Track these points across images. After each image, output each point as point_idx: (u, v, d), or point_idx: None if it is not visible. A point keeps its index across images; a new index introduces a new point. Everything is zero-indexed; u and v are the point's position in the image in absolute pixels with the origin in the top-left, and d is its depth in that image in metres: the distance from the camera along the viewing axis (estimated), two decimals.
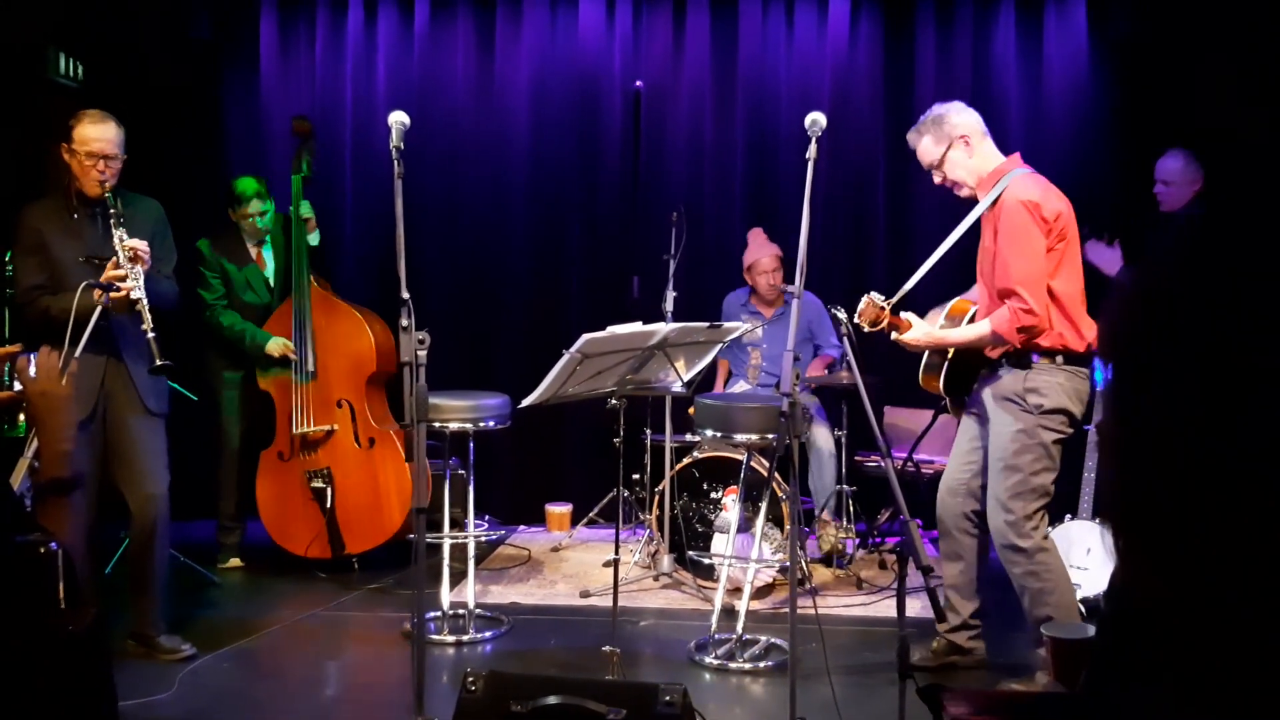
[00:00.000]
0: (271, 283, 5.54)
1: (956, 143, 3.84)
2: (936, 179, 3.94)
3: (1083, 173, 6.02)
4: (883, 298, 3.80)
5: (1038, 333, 3.66)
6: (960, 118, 3.86)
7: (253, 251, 5.54)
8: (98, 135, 3.97)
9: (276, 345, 5.33)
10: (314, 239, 5.45)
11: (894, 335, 3.86)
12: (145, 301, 3.88)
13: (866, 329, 3.80)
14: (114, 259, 3.90)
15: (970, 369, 3.91)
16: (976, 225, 3.86)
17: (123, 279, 3.85)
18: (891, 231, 6.33)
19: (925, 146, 3.90)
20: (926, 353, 3.96)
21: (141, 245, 3.93)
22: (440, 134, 6.38)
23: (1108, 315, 0.81)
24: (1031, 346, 3.70)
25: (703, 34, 6.38)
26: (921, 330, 3.82)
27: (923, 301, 4.08)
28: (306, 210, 5.41)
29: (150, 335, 3.84)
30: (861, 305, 3.77)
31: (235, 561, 5.53)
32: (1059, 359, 3.70)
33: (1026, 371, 3.71)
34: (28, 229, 4.02)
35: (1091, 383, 4.62)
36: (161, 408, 4.16)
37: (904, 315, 3.86)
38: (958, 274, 4.23)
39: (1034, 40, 6.25)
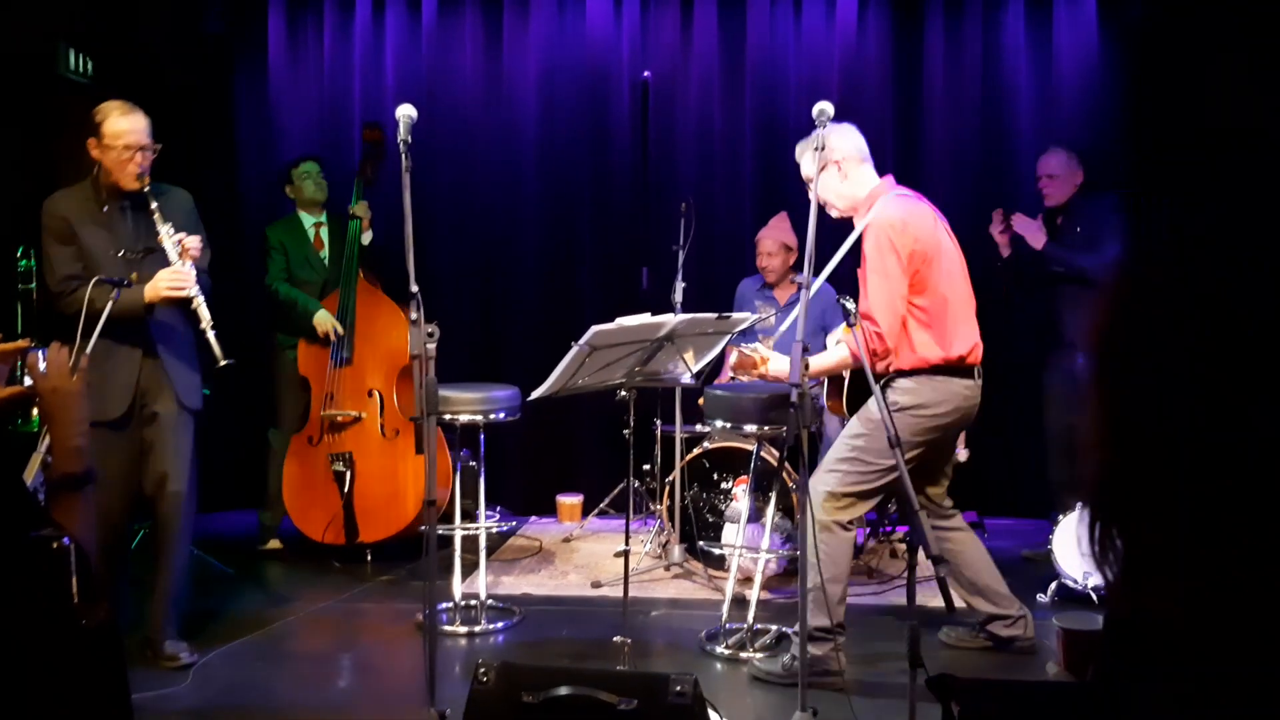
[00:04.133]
0: (327, 263, 5.62)
1: (830, 166, 3.82)
2: (812, 196, 3.87)
3: (1093, 161, 5.98)
4: (751, 347, 3.83)
5: (885, 354, 3.66)
6: (839, 141, 3.84)
7: (311, 233, 5.63)
8: (130, 126, 3.87)
9: (323, 320, 5.37)
10: (367, 238, 5.53)
11: (756, 373, 3.86)
12: (201, 299, 3.83)
13: (745, 380, 3.75)
14: (151, 253, 3.86)
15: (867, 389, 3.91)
16: (857, 247, 3.81)
17: (182, 281, 3.80)
18: None
19: (804, 165, 3.88)
20: (827, 380, 4.25)
21: (193, 241, 3.87)
22: (449, 127, 6.38)
23: (1096, 309, 0.81)
24: (898, 368, 3.70)
25: (710, 24, 6.37)
26: (782, 363, 3.74)
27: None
28: (363, 210, 5.51)
29: (211, 333, 3.80)
30: (732, 360, 3.73)
31: (275, 543, 5.60)
32: (924, 375, 3.70)
33: (897, 380, 3.72)
34: (55, 218, 3.91)
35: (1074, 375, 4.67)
36: (196, 404, 4.06)
37: (759, 350, 3.84)
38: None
39: (1044, 28, 6.21)
